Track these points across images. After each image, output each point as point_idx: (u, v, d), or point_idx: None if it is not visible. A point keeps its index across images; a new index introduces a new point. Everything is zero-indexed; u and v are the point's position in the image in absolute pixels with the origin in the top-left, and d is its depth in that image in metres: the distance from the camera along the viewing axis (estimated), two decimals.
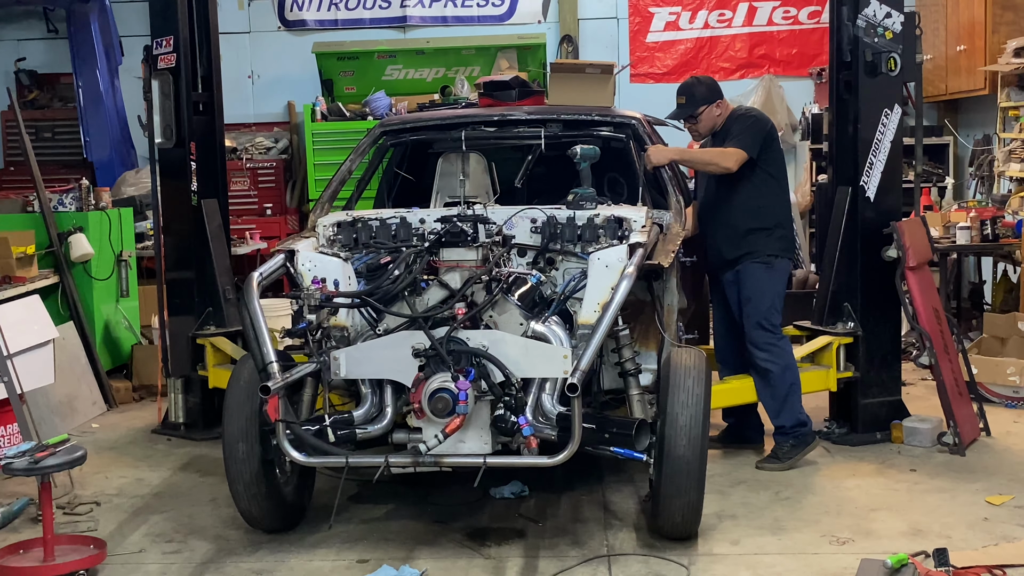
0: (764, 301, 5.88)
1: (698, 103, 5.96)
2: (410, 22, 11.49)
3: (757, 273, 5.89)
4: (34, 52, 11.53)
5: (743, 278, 5.92)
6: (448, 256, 4.96)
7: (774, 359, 5.86)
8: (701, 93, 5.97)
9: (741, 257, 5.92)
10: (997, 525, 4.99)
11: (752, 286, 5.89)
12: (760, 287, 5.88)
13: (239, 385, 4.94)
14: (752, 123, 5.96)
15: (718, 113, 5.98)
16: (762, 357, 5.86)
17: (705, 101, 5.95)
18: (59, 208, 7.86)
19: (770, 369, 5.85)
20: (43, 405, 6.72)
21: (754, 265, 5.89)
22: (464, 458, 4.52)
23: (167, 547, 5.00)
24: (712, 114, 5.97)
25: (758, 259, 5.89)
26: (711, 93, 5.99)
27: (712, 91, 6.02)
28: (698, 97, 5.97)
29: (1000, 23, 9.12)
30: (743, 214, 5.90)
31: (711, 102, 5.95)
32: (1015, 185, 9.03)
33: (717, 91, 6.04)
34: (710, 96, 5.97)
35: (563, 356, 4.50)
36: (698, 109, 5.95)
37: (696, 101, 5.97)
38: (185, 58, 6.77)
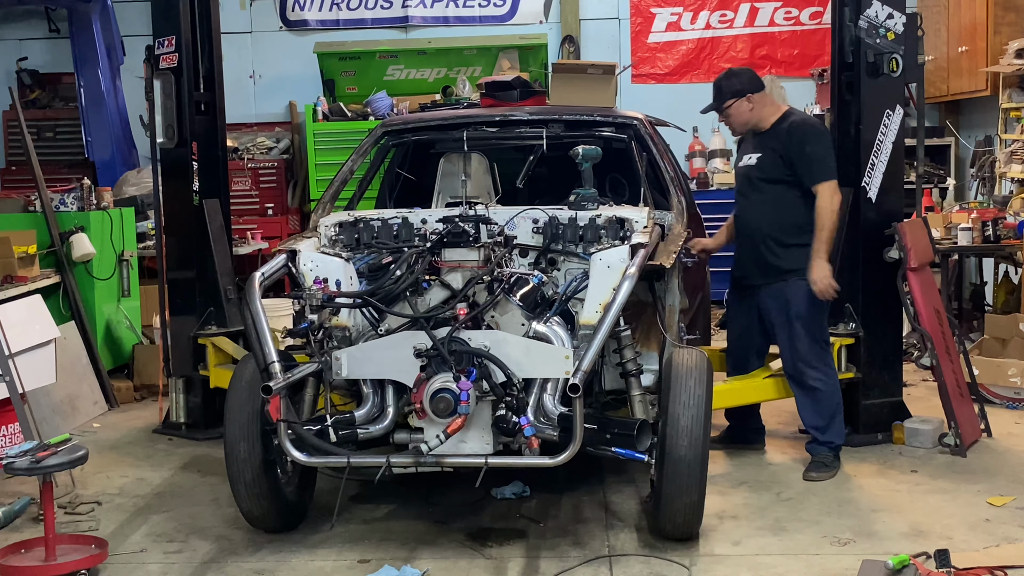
0: (816, 318, 5.74)
1: (724, 96, 5.78)
2: (412, 22, 11.50)
3: (807, 289, 5.67)
4: (36, 52, 11.55)
5: (792, 294, 5.71)
6: (450, 256, 4.96)
7: (826, 377, 5.76)
8: (730, 86, 5.78)
9: (788, 272, 5.72)
10: (998, 526, 4.99)
11: (803, 303, 5.69)
12: (811, 304, 5.70)
13: (241, 385, 4.94)
14: (827, 144, 5.76)
15: (749, 108, 5.75)
16: (814, 376, 5.73)
17: (734, 94, 5.75)
18: (61, 208, 7.86)
19: (819, 388, 5.74)
20: (44, 405, 6.72)
21: (804, 281, 5.67)
22: (466, 458, 4.52)
23: (168, 547, 5.00)
24: (743, 109, 5.76)
25: (805, 276, 5.66)
26: (744, 86, 5.76)
27: (745, 84, 5.78)
28: (725, 90, 5.78)
29: (1002, 24, 9.13)
30: (791, 229, 5.71)
31: (741, 95, 5.73)
32: (1016, 186, 9.03)
33: (752, 85, 5.79)
34: (741, 89, 5.75)
35: (565, 356, 4.51)
36: (724, 103, 5.77)
37: (723, 94, 5.79)
38: (187, 58, 6.77)
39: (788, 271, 5.71)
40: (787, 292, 5.72)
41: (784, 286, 5.72)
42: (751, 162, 5.83)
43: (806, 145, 5.64)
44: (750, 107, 5.75)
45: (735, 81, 5.79)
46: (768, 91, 5.89)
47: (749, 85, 5.77)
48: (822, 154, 5.67)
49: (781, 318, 5.76)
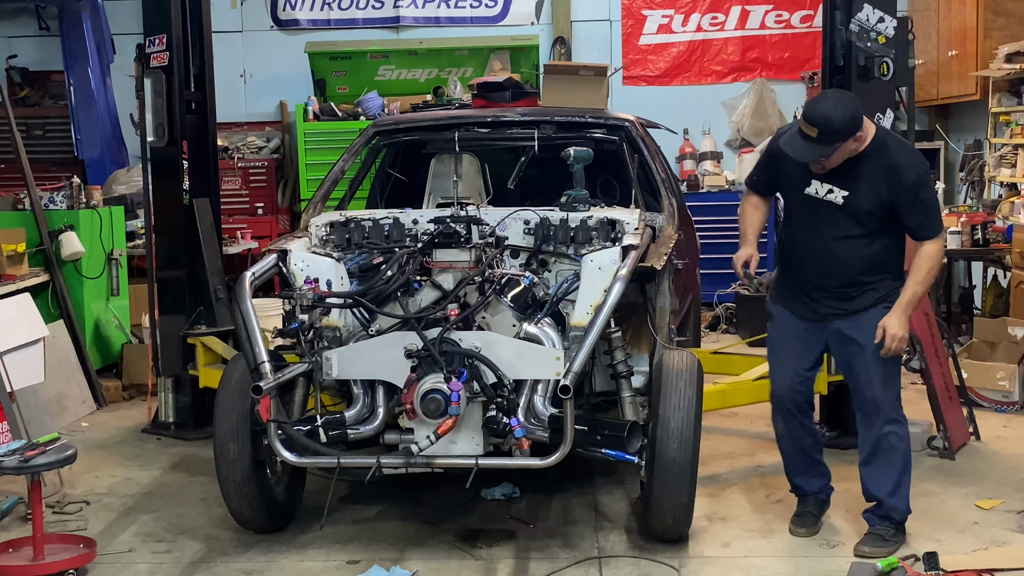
0: (891, 370, 4.84)
1: (835, 139, 4.53)
2: (403, 22, 11.49)
3: None
4: (25, 49, 11.51)
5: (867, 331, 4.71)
6: (441, 257, 4.96)
7: (904, 435, 4.85)
8: (841, 125, 4.51)
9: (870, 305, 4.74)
10: (987, 529, 5.00)
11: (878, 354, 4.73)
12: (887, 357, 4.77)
13: (230, 385, 4.93)
14: (934, 189, 4.89)
15: (854, 146, 4.60)
16: (891, 430, 4.81)
17: (845, 136, 4.54)
18: (50, 206, 7.84)
19: (896, 447, 4.81)
20: (33, 404, 6.69)
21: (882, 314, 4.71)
22: (456, 459, 4.52)
23: (157, 547, 4.99)
24: (848, 148, 4.59)
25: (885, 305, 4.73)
26: (854, 125, 4.54)
27: (856, 122, 4.55)
28: (838, 131, 4.52)
29: (992, 28, 9.15)
30: (876, 269, 4.75)
31: (852, 135, 4.55)
32: (1006, 190, 9.06)
33: (859, 118, 4.57)
34: (852, 128, 4.54)
35: (555, 358, 4.52)
36: (836, 145, 4.56)
37: (833, 137, 4.53)
38: (178, 57, 6.75)
39: (871, 304, 4.75)
40: (872, 323, 4.70)
41: (869, 316, 4.73)
42: (833, 198, 4.70)
43: (921, 191, 4.63)
44: (854, 145, 4.60)
45: (846, 119, 4.53)
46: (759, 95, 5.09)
47: (860, 119, 4.58)
48: (936, 203, 4.80)
49: (863, 355, 4.77)
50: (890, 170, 4.61)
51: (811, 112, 4.56)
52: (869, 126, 4.67)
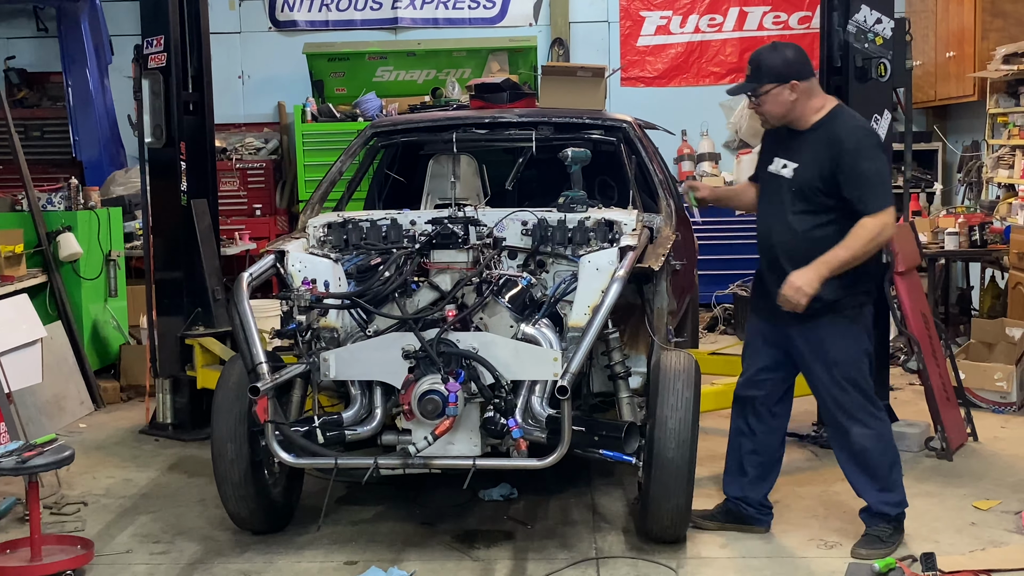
0: (856, 361, 4.68)
1: (763, 77, 4.55)
2: (401, 24, 11.50)
3: (844, 329, 4.65)
4: (24, 51, 11.51)
5: (826, 335, 4.64)
6: (439, 258, 4.96)
7: (872, 431, 4.69)
8: (772, 66, 4.55)
9: (821, 311, 4.58)
10: (984, 530, 5.01)
11: (839, 346, 4.65)
12: (851, 347, 4.67)
13: (228, 386, 4.93)
14: (885, 160, 4.66)
15: (792, 98, 4.54)
16: (859, 432, 4.67)
17: (775, 78, 4.52)
18: (48, 207, 7.83)
19: (867, 447, 4.69)
20: (31, 404, 6.69)
21: (839, 319, 4.63)
22: (453, 460, 4.52)
23: (155, 548, 4.98)
24: (782, 98, 4.54)
25: (845, 311, 4.63)
26: (786, 69, 4.53)
27: (790, 67, 4.54)
28: (765, 70, 4.55)
29: (989, 30, 9.16)
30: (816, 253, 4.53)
31: (783, 81, 4.52)
32: (1003, 191, 9.07)
33: (798, 69, 4.56)
34: (784, 73, 4.52)
35: (553, 359, 4.52)
36: (762, 87, 4.56)
37: (762, 74, 4.56)
38: (176, 58, 6.75)
39: (821, 309, 4.58)
40: (820, 332, 4.65)
41: (816, 326, 4.64)
42: (785, 172, 4.65)
43: (862, 160, 4.48)
44: (793, 97, 4.55)
45: (779, 60, 4.56)
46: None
47: (796, 68, 4.56)
48: (880, 174, 4.52)
49: (816, 364, 4.71)
50: (833, 139, 4.53)
51: (754, 52, 4.71)
52: (828, 98, 4.68)
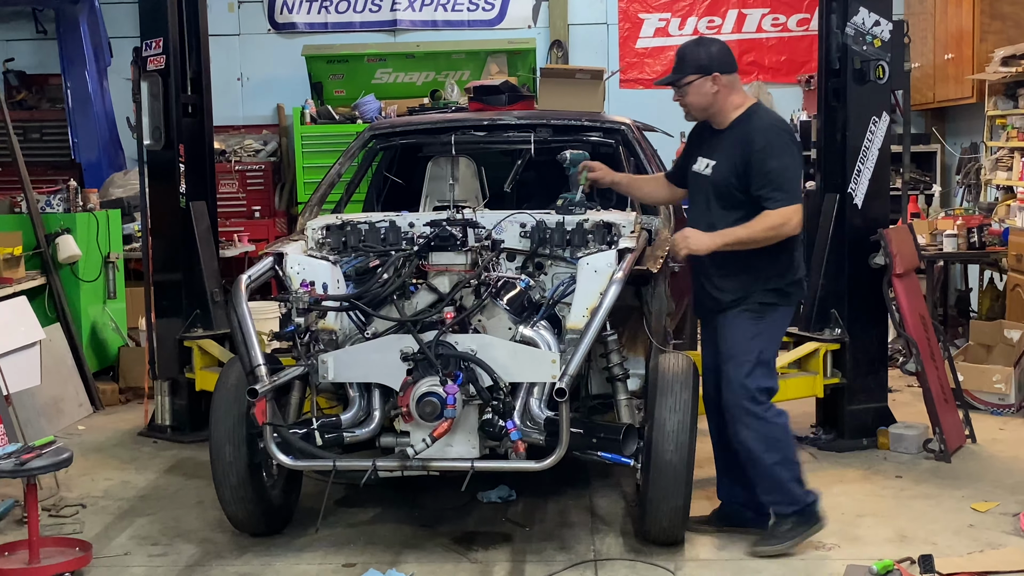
0: (746, 361, 4.68)
1: (687, 69, 4.71)
2: (400, 26, 11.50)
3: (742, 325, 4.71)
4: (23, 53, 11.49)
5: (723, 330, 4.77)
6: (437, 260, 4.96)
7: (754, 436, 4.70)
8: (695, 58, 4.71)
9: (726, 306, 4.76)
10: (982, 532, 5.01)
11: (733, 341, 4.72)
12: (742, 343, 4.70)
13: (226, 388, 4.93)
14: (797, 160, 4.69)
15: (713, 90, 4.67)
16: (742, 433, 4.72)
17: (698, 70, 4.67)
18: (47, 209, 7.83)
19: (751, 448, 4.71)
20: (29, 407, 6.69)
21: (741, 315, 4.72)
22: (452, 462, 4.52)
23: (153, 550, 4.98)
24: (704, 90, 4.67)
25: (747, 307, 4.71)
26: (709, 62, 4.68)
27: (714, 59, 4.69)
28: (689, 62, 4.71)
29: (988, 32, 9.16)
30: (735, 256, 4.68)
31: (706, 73, 4.66)
32: (1002, 193, 9.08)
33: (722, 62, 4.70)
34: (707, 65, 4.67)
35: (551, 361, 4.52)
36: (685, 78, 4.70)
37: (685, 66, 4.72)
38: (174, 60, 6.75)
39: (726, 305, 4.76)
40: (722, 327, 4.78)
41: (721, 320, 4.79)
42: (707, 171, 4.79)
43: (770, 159, 4.57)
44: (714, 90, 4.68)
45: (702, 53, 4.72)
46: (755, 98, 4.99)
47: (719, 62, 4.69)
48: (788, 173, 4.61)
49: (718, 358, 4.83)
50: (745, 138, 4.64)
51: (682, 46, 4.84)
52: (748, 97, 4.78)
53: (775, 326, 4.79)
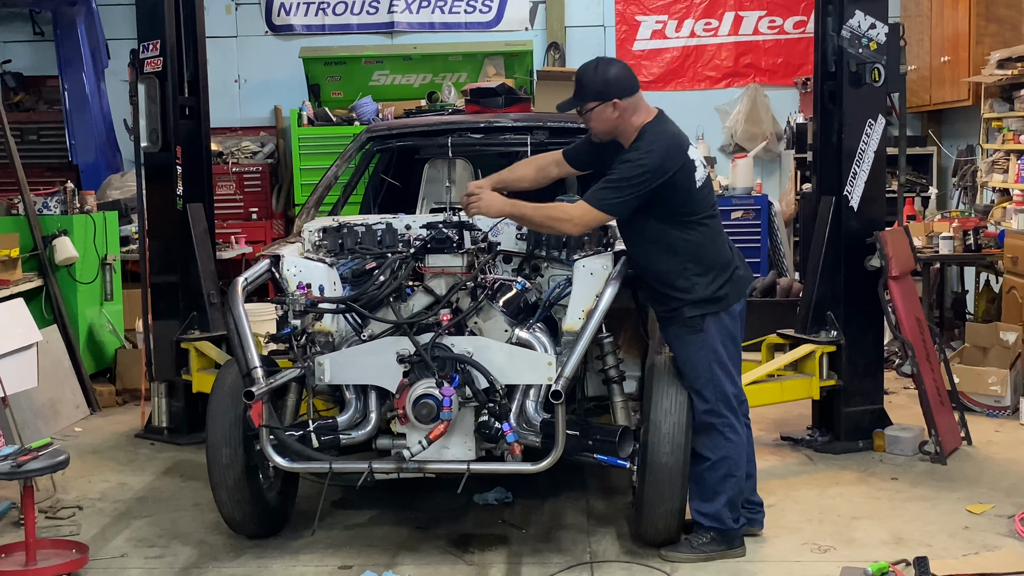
0: (699, 373, 4.67)
1: (586, 97, 4.61)
2: (397, 28, 11.49)
3: (682, 339, 4.70)
4: (20, 54, 11.48)
5: (671, 344, 4.78)
6: (434, 262, 4.96)
7: (710, 446, 4.71)
8: (593, 86, 4.58)
9: (664, 320, 4.78)
10: (978, 534, 5.01)
11: (680, 356, 4.72)
12: (688, 357, 4.69)
13: (223, 390, 4.92)
14: (636, 169, 4.50)
15: (615, 115, 4.58)
16: (697, 441, 4.69)
17: (596, 97, 4.57)
18: (44, 211, 7.83)
19: (704, 456, 4.71)
20: (26, 408, 6.69)
21: (680, 331, 4.70)
22: (448, 464, 4.53)
23: (149, 552, 4.98)
24: (605, 115, 4.59)
25: (680, 323, 4.68)
26: (607, 88, 4.55)
27: (612, 85, 4.56)
28: (588, 89, 4.60)
29: (984, 34, 9.17)
30: (656, 269, 4.69)
31: (604, 100, 4.56)
32: (998, 196, 9.09)
33: (620, 87, 4.57)
34: (605, 92, 4.55)
35: (547, 363, 4.53)
36: (586, 105, 4.62)
37: (584, 94, 4.61)
38: (172, 62, 6.76)
39: (665, 319, 4.78)
40: (669, 340, 4.79)
41: (666, 333, 4.80)
42: None
43: (620, 166, 4.55)
44: (615, 115, 4.60)
45: (600, 79, 4.59)
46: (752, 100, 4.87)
47: (617, 87, 4.57)
48: (618, 182, 4.52)
49: None
50: (634, 143, 4.60)
51: (580, 69, 4.67)
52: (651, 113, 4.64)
53: (719, 330, 4.69)
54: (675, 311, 4.68)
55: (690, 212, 4.62)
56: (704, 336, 4.66)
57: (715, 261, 4.69)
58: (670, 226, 4.62)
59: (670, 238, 4.63)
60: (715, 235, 4.71)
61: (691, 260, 4.64)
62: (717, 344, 4.68)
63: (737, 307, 4.76)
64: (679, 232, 4.62)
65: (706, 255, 4.66)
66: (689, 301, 4.65)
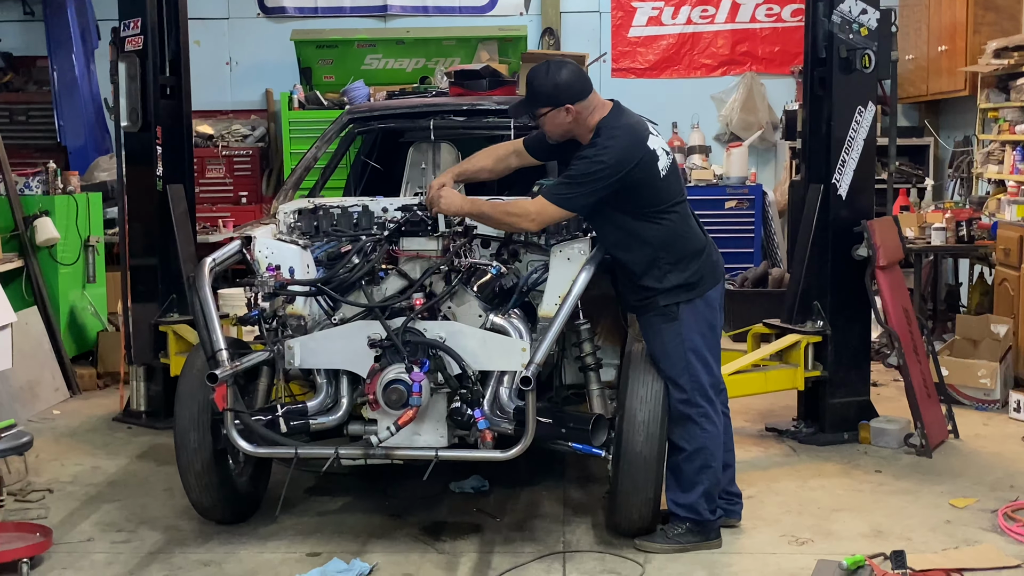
0: (674, 362, 4.58)
1: (537, 102, 4.51)
2: (391, 11, 11.39)
3: (656, 328, 4.61)
4: (9, 34, 11.40)
5: (645, 333, 4.68)
6: (407, 245, 4.89)
7: (686, 436, 4.61)
8: (545, 91, 4.47)
9: (639, 310, 4.70)
10: (959, 528, 4.93)
11: (655, 344, 4.62)
12: (663, 346, 4.59)
13: (192, 373, 4.84)
14: (593, 166, 4.40)
15: (569, 119, 4.48)
16: (673, 431, 4.60)
17: (547, 102, 4.47)
18: (25, 191, 7.76)
19: (680, 447, 4.61)
20: (2, 391, 6.62)
21: (654, 319, 4.61)
22: (416, 451, 4.44)
23: (116, 536, 4.91)
24: (559, 120, 4.49)
25: (655, 311, 4.59)
26: (558, 93, 4.44)
27: (562, 91, 4.44)
28: (539, 94, 4.49)
29: (982, 24, 9.06)
30: (628, 260, 4.60)
31: (556, 105, 4.45)
32: (993, 187, 8.98)
33: (572, 92, 4.45)
34: (556, 96, 4.44)
35: (521, 349, 4.46)
36: (538, 110, 4.53)
37: (536, 99, 4.51)
38: (152, 41, 6.66)
39: (639, 308, 4.69)
40: (644, 329, 4.70)
41: (642, 322, 4.71)
42: None
43: (578, 161, 4.46)
44: (569, 119, 4.49)
45: (550, 85, 4.46)
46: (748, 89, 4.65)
47: (568, 93, 4.45)
48: (576, 178, 4.43)
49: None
50: (593, 138, 4.49)
51: (530, 72, 4.53)
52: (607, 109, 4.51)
53: (695, 319, 4.60)
54: (648, 300, 4.59)
55: (657, 203, 4.52)
56: (678, 325, 4.57)
57: (687, 249, 4.59)
58: (639, 219, 4.52)
59: (640, 230, 4.54)
60: (685, 222, 4.62)
61: (663, 250, 4.55)
62: (692, 333, 4.59)
63: (713, 294, 4.66)
64: (648, 224, 4.53)
65: (677, 244, 4.57)
66: (662, 290, 4.56)
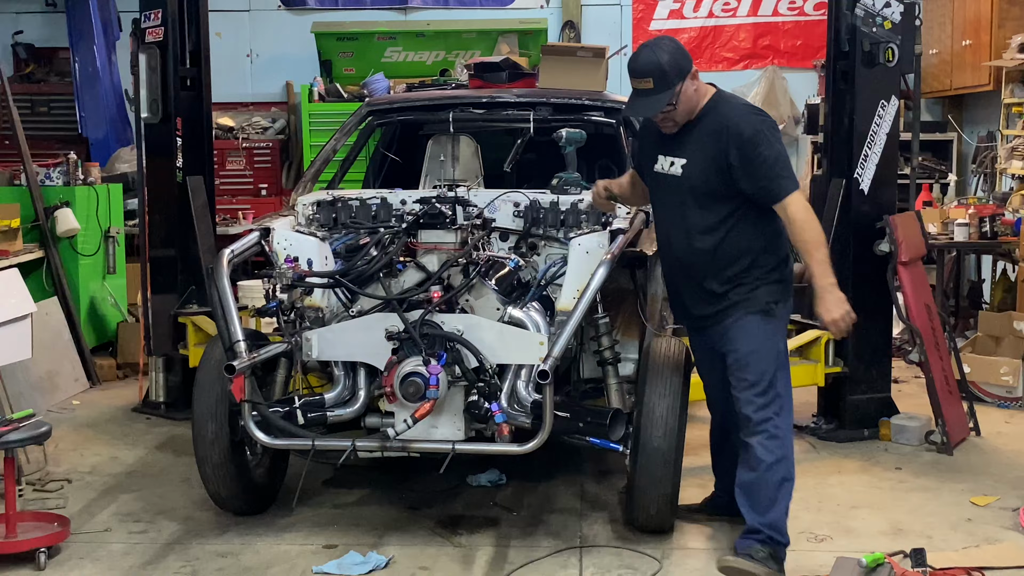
0: (765, 364, 4.27)
1: (673, 80, 4.15)
2: (411, 4, 11.36)
3: (753, 328, 4.28)
4: (32, 25, 11.41)
5: (734, 335, 4.30)
6: (426, 238, 4.87)
7: (766, 447, 4.25)
8: (671, 63, 4.16)
9: (729, 308, 4.31)
10: (980, 526, 4.89)
11: (747, 344, 4.27)
12: (758, 346, 4.27)
13: (210, 364, 4.84)
14: (780, 140, 4.22)
15: (694, 88, 4.23)
16: (759, 442, 4.25)
17: (681, 75, 4.17)
18: (46, 182, 7.77)
19: (761, 458, 4.26)
20: (23, 380, 6.64)
21: (749, 317, 4.28)
22: (431, 444, 4.43)
23: (134, 527, 4.92)
24: (689, 92, 4.21)
25: (754, 309, 4.29)
26: (684, 60, 4.19)
27: (684, 57, 4.21)
28: (671, 73, 4.15)
29: (1007, 18, 8.96)
30: (732, 257, 4.29)
31: (687, 73, 4.18)
32: (1016, 182, 8.90)
33: (688, 56, 4.24)
34: (684, 65, 4.18)
35: (539, 343, 4.42)
36: (675, 88, 4.17)
37: (669, 79, 4.15)
38: (173, 32, 6.67)
39: (730, 306, 4.32)
40: (731, 333, 4.32)
41: (730, 325, 4.32)
42: (674, 170, 4.33)
43: (760, 147, 4.13)
44: (694, 87, 4.23)
45: (670, 58, 4.17)
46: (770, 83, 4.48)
47: (686, 57, 4.22)
48: (781, 158, 4.18)
49: (728, 363, 4.37)
50: (722, 128, 4.19)
51: (636, 64, 4.19)
52: (706, 85, 4.32)
53: (785, 321, 4.41)
54: (752, 292, 4.26)
55: None
56: (776, 324, 4.32)
57: (784, 248, 4.36)
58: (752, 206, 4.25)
59: (756, 215, 4.25)
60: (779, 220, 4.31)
61: (771, 239, 4.30)
62: (782, 336, 4.37)
63: (790, 309, 4.46)
64: (764, 216, 4.26)
65: (780, 241, 4.33)
66: (770, 281, 4.29)
